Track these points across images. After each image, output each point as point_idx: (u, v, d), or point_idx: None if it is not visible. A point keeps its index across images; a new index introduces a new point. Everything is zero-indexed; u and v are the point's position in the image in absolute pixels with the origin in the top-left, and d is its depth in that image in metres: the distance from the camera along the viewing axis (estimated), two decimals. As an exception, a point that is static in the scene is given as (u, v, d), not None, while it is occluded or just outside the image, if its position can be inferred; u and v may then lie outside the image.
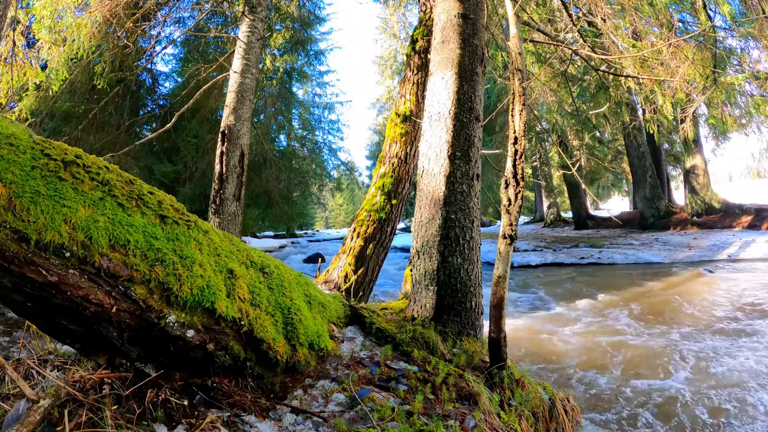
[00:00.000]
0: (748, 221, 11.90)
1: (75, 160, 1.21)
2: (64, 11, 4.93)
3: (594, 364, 3.39)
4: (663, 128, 10.82)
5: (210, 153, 11.32)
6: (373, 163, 32.53)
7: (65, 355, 1.65)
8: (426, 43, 4.05)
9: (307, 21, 15.21)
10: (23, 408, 1.11)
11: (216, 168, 4.69)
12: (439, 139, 2.54)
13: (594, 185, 21.65)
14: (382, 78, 29.19)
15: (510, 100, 2.09)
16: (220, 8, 8.43)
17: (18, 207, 1.05)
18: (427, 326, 2.29)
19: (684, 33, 5.62)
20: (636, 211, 15.69)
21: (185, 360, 1.39)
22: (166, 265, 1.29)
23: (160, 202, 1.40)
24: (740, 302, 5.06)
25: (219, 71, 7.27)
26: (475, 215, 2.52)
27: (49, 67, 5.27)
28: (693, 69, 4.46)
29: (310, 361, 1.71)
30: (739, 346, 3.62)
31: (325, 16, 17.05)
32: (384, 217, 3.84)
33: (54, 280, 1.10)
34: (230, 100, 4.88)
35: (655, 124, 6.59)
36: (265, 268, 1.71)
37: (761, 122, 8.09)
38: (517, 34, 2.20)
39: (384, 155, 4.05)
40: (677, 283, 6.53)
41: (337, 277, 3.73)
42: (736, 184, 33.33)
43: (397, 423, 1.43)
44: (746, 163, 43.32)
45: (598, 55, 4.36)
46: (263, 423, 1.36)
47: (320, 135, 19.25)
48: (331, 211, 48.76)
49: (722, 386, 2.85)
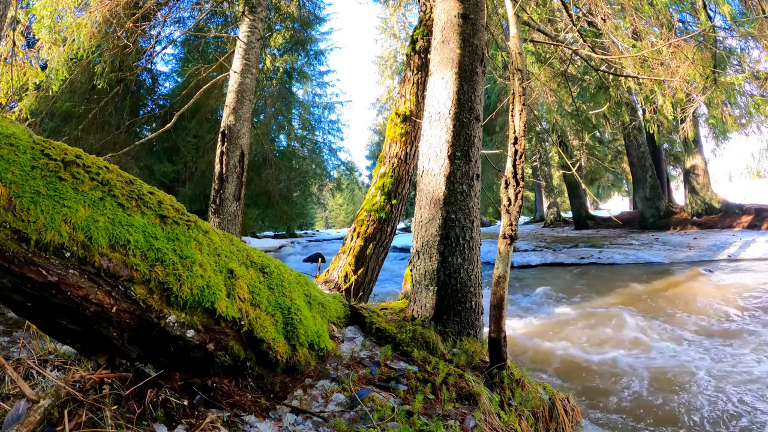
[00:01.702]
0: (748, 221, 11.89)
1: (75, 160, 1.21)
2: (64, 11, 4.93)
3: (595, 363, 3.39)
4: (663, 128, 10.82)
5: (210, 153, 11.32)
6: (373, 163, 32.54)
7: (65, 355, 1.65)
8: (426, 43, 4.05)
9: (307, 21, 15.20)
10: (23, 408, 1.11)
11: (216, 168, 4.69)
12: (439, 139, 2.54)
13: (594, 185, 21.65)
14: (382, 78, 29.19)
15: (510, 100, 2.09)
16: (220, 8, 8.43)
17: (18, 207, 1.05)
18: (427, 326, 2.29)
19: (684, 33, 5.62)
20: (636, 211, 15.68)
21: (185, 360, 1.39)
22: (166, 265, 1.29)
23: (160, 202, 1.40)
24: (740, 302, 5.05)
25: (219, 71, 7.27)
26: (475, 215, 2.52)
27: (49, 67, 5.27)
28: (693, 69, 4.46)
29: (310, 361, 1.71)
30: (741, 345, 3.62)
31: (325, 16, 17.05)
32: (384, 217, 3.84)
33: (54, 280, 1.10)
34: (230, 100, 4.88)
35: (655, 124, 6.59)
36: (265, 268, 1.71)
37: (761, 122, 8.09)
38: (517, 34, 2.20)
39: (384, 155, 4.05)
40: (677, 283, 6.53)
41: (337, 277, 3.73)
42: (736, 184, 33.33)
43: (397, 423, 1.43)
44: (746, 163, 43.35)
45: (598, 55, 4.35)
46: (263, 423, 1.36)
47: (320, 135, 19.27)
48: (331, 211, 48.77)
49: (726, 386, 2.85)
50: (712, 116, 6.22)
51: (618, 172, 18.67)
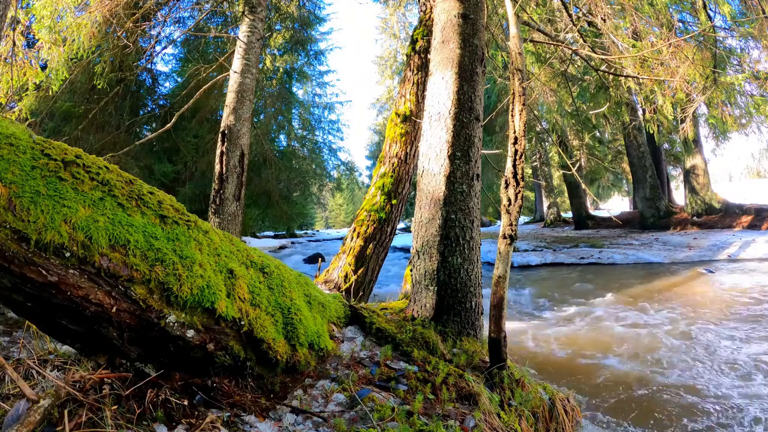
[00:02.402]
0: (748, 221, 11.89)
1: (75, 160, 1.21)
2: (64, 11, 4.93)
3: (595, 363, 3.39)
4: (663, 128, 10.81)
5: (210, 153, 11.32)
6: (373, 163, 32.54)
7: (65, 355, 1.65)
8: (426, 43, 4.05)
9: (307, 21, 15.20)
10: (23, 408, 1.11)
11: (216, 168, 4.69)
12: (439, 139, 2.54)
13: (594, 185, 21.66)
14: (382, 78, 29.19)
15: (510, 100, 2.09)
16: (220, 8, 8.43)
17: (18, 207, 1.05)
18: (427, 326, 2.29)
19: (684, 33, 5.62)
20: (636, 211, 15.68)
21: (185, 360, 1.39)
22: (166, 265, 1.29)
23: (160, 202, 1.40)
24: (741, 302, 5.05)
25: (219, 71, 7.27)
26: (475, 215, 2.52)
27: (49, 67, 5.27)
28: (693, 69, 4.46)
29: (310, 361, 1.71)
30: (741, 345, 3.62)
31: (325, 16, 17.06)
32: (384, 217, 3.84)
33: (54, 280, 1.10)
34: (230, 100, 4.88)
35: (655, 124, 6.59)
36: (265, 268, 1.71)
37: (761, 122, 8.09)
38: (517, 34, 2.20)
39: (384, 155, 4.05)
40: (677, 283, 6.53)
41: (337, 277, 3.73)
42: (736, 184, 33.33)
43: (397, 423, 1.43)
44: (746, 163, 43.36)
45: (598, 55, 4.36)
46: (263, 423, 1.36)
47: (320, 135, 19.27)
48: (331, 211, 48.76)
49: (729, 385, 2.85)
50: (712, 116, 6.22)
51: (618, 172, 18.68)
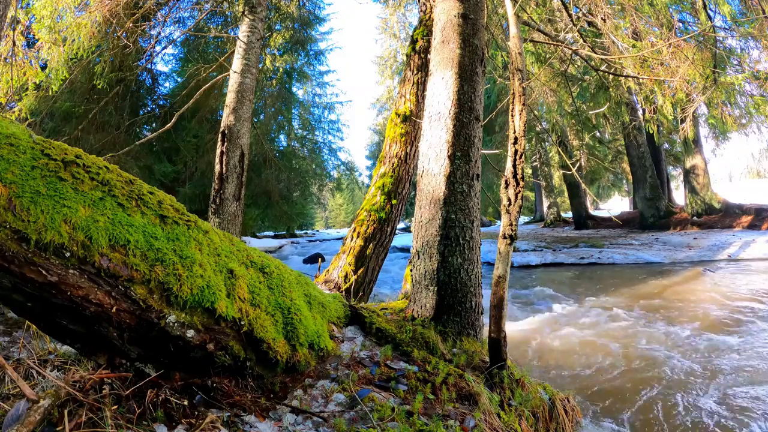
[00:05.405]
0: (748, 221, 11.90)
1: (75, 160, 1.21)
2: (64, 11, 4.93)
3: (595, 363, 3.39)
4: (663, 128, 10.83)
5: (210, 153, 11.32)
6: (373, 163, 32.54)
7: (65, 355, 1.65)
8: (426, 43, 4.05)
9: (307, 21, 15.20)
10: (23, 408, 1.11)
11: (216, 168, 4.69)
12: (439, 139, 2.54)
13: (594, 185, 21.65)
14: (382, 78, 29.21)
15: (510, 100, 2.09)
16: (220, 8, 8.43)
17: (18, 207, 1.05)
18: (427, 326, 2.29)
19: (684, 33, 5.63)
20: (636, 211, 15.68)
21: (185, 360, 1.39)
22: (166, 265, 1.29)
23: (160, 202, 1.40)
24: (741, 302, 5.05)
25: (219, 71, 7.27)
26: (475, 215, 2.52)
27: (49, 67, 5.27)
28: (693, 69, 4.46)
29: (310, 361, 1.71)
30: (742, 345, 3.62)
31: (325, 16, 17.06)
32: (384, 217, 3.84)
33: (54, 280, 1.10)
34: (230, 100, 4.88)
35: (655, 124, 6.60)
36: (265, 268, 1.71)
37: (761, 122, 8.10)
38: (517, 34, 2.20)
39: (384, 155, 4.05)
40: (677, 283, 6.53)
41: (337, 277, 3.73)
42: (736, 184, 33.32)
43: (397, 423, 1.43)
44: (746, 163, 43.33)
45: (598, 55, 4.36)
46: (263, 423, 1.36)
47: (320, 135, 19.27)
48: (331, 211, 48.76)
49: (732, 386, 2.85)
50: (712, 116, 6.23)
51: (618, 172, 18.69)
